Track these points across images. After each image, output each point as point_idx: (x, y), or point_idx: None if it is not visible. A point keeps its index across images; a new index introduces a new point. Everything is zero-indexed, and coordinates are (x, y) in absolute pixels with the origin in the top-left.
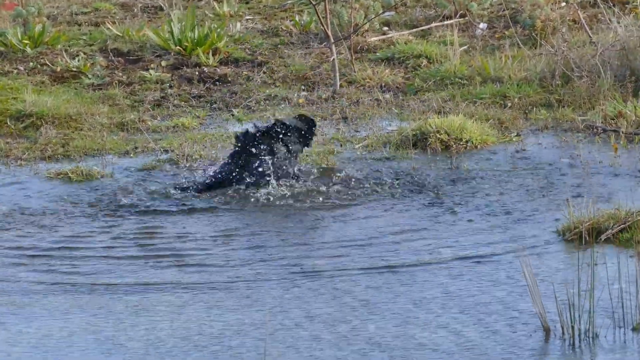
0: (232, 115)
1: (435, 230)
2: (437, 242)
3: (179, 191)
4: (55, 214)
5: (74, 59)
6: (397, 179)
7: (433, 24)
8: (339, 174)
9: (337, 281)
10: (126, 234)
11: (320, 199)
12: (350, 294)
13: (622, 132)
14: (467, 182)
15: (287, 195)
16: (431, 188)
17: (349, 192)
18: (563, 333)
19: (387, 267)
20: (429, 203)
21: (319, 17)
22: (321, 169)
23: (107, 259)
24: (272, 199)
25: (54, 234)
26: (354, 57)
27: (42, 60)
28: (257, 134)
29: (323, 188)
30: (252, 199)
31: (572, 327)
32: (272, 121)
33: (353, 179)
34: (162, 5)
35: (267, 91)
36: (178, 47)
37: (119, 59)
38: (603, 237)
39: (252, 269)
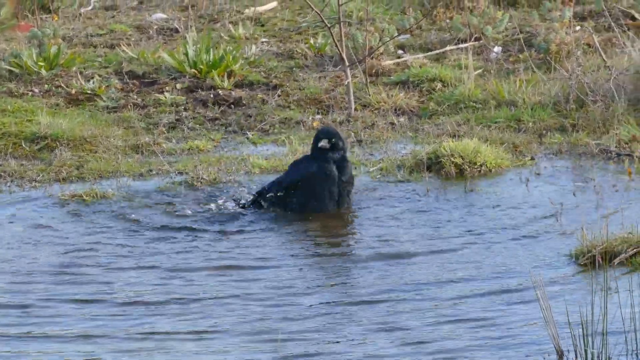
0: (247, 138)
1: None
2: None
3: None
4: None
5: (89, 81)
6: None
7: (448, 48)
8: None
9: None
10: None
11: None
12: None
13: (636, 156)
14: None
15: None
16: None
17: None
18: (576, 356)
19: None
20: None
21: (334, 40)
22: None
23: None
24: None
25: None
26: (368, 81)
27: (57, 82)
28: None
29: None
30: None
31: (585, 351)
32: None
33: None
34: (178, 27)
35: (282, 114)
36: (193, 69)
37: (134, 81)
38: (617, 260)
39: None
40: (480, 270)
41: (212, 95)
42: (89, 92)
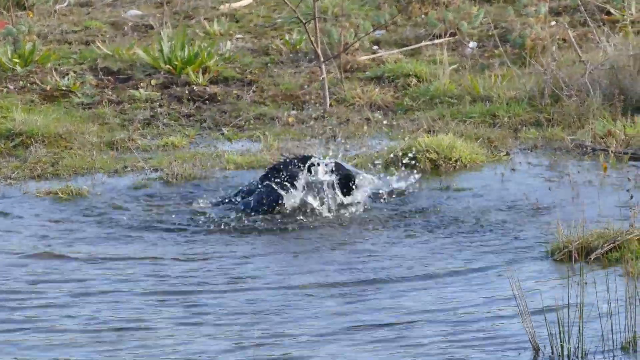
0: (222, 134)
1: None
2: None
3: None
4: None
5: (63, 77)
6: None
7: (423, 43)
8: None
9: None
10: None
11: None
12: None
13: (612, 151)
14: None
15: None
16: None
17: None
18: (552, 352)
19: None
20: None
21: (309, 36)
22: None
23: None
24: None
25: None
26: (343, 76)
27: (32, 78)
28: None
29: None
30: None
31: (562, 346)
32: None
33: None
34: (153, 24)
35: (257, 110)
36: (168, 65)
37: (109, 77)
38: (593, 256)
39: None
40: (454, 265)
41: (187, 92)
42: (64, 88)
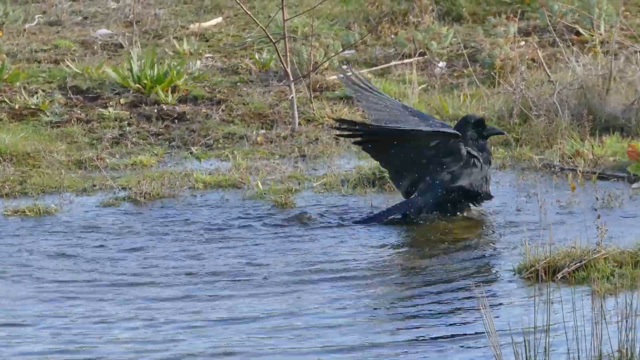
0: (191, 153)
1: None
2: None
3: None
4: None
5: (32, 96)
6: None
7: (392, 63)
8: None
9: None
10: None
11: None
12: None
13: (580, 170)
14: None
15: None
16: None
17: None
18: None
19: None
20: None
21: (278, 55)
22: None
23: None
24: None
25: None
26: (313, 96)
27: (0, 97)
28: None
29: None
30: None
31: None
32: None
33: None
34: (122, 43)
35: (226, 129)
36: (137, 84)
37: (78, 96)
38: (559, 275)
39: None
40: (423, 285)
41: (155, 110)
42: (32, 107)
